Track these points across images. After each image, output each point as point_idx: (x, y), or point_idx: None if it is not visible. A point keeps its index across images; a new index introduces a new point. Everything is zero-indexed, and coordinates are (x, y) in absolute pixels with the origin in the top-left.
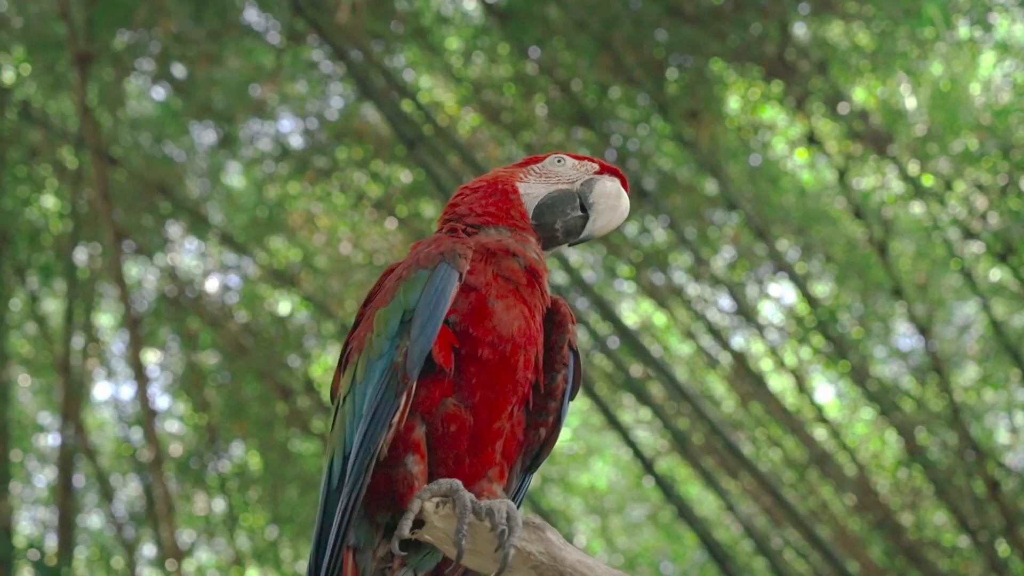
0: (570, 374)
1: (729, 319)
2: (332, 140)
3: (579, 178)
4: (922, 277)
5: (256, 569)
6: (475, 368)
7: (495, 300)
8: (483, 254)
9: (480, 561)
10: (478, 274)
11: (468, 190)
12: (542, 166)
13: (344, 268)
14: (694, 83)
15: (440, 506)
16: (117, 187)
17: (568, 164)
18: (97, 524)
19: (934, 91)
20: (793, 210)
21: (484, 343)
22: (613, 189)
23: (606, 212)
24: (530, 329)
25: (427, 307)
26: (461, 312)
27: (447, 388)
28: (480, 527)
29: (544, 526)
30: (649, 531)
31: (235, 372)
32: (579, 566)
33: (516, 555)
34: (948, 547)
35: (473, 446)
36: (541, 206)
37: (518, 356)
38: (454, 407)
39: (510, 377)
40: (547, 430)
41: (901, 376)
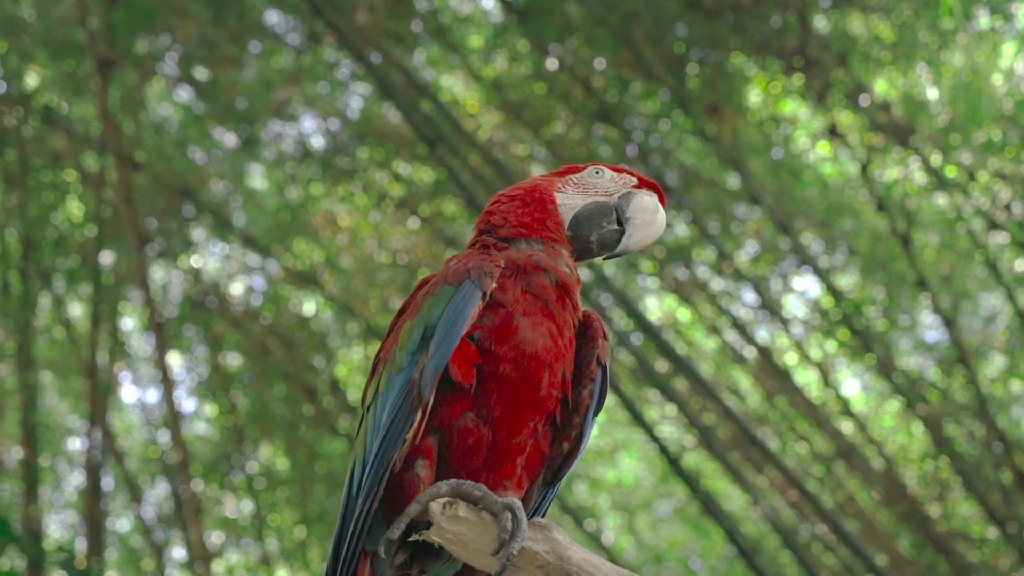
0: (596, 389)
1: (753, 313)
2: (353, 140)
3: (617, 191)
4: (946, 268)
5: (285, 570)
6: (496, 385)
7: (521, 317)
8: (512, 270)
9: (483, 560)
10: (506, 291)
11: (505, 197)
12: (580, 177)
13: (367, 268)
14: (715, 78)
15: (447, 507)
16: (140, 191)
17: (606, 176)
18: (126, 527)
19: (955, 82)
20: (816, 203)
21: (507, 360)
22: (650, 204)
23: (642, 227)
24: (557, 346)
25: (446, 325)
26: (486, 329)
27: (467, 403)
28: (485, 526)
29: (551, 526)
30: (676, 526)
31: (260, 374)
32: (585, 565)
33: (522, 555)
34: (977, 538)
35: (490, 461)
36: (577, 217)
37: (542, 374)
38: (473, 422)
39: (532, 395)
40: (570, 444)
41: (927, 368)
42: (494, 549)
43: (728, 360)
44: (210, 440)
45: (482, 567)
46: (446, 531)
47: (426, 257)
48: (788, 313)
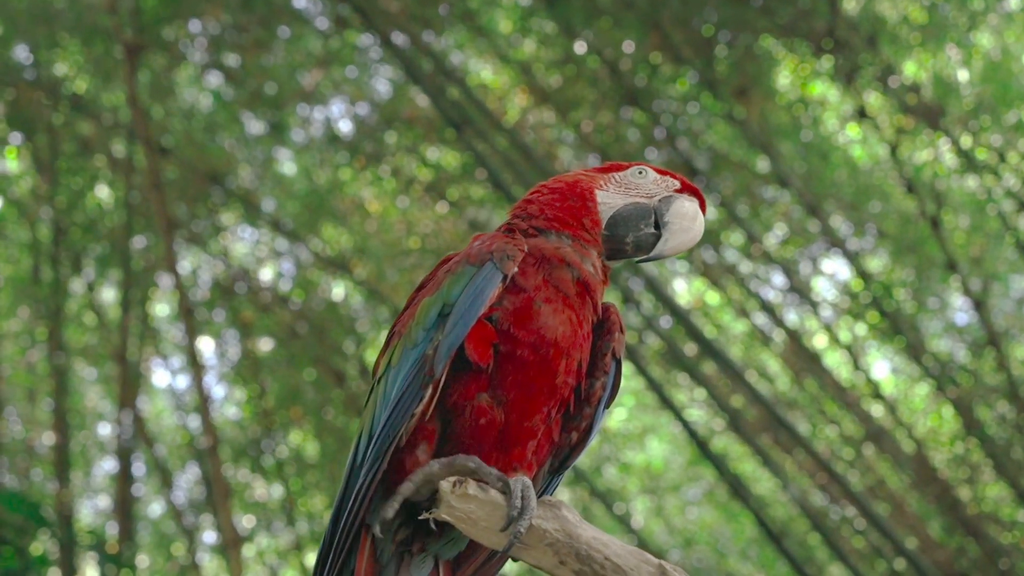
0: (609, 382)
1: (782, 296)
2: (382, 125)
3: (658, 193)
4: (977, 250)
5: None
6: (513, 367)
7: (542, 303)
8: (537, 258)
9: (492, 538)
10: (528, 276)
11: (546, 189)
12: (623, 175)
13: (396, 253)
14: (743, 60)
15: (457, 486)
16: (169, 177)
17: (649, 177)
18: (157, 512)
19: (985, 63)
20: (845, 186)
21: (525, 344)
22: (690, 210)
23: (679, 233)
24: (576, 336)
25: (464, 304)
26: (506, 311)
27: (482, 383)
28: (494, 505)
29: (560, 504)
30: (706, 510)
31: (290, 358)
32: (594, 543)
33: (531, 532)
34: (1008, 521)
35: (501, 442)
36: (615, 217)
37: (559, 361)
38: (487, 403)
39: (548, 380)
40: (579, 434)
41: (957, 351)
42: (503, 526)
43: (757, 343)
44: (240, 425)
45: (491, 545)
46: (456, 509)
47: (454, 241)
48: (817, 296)
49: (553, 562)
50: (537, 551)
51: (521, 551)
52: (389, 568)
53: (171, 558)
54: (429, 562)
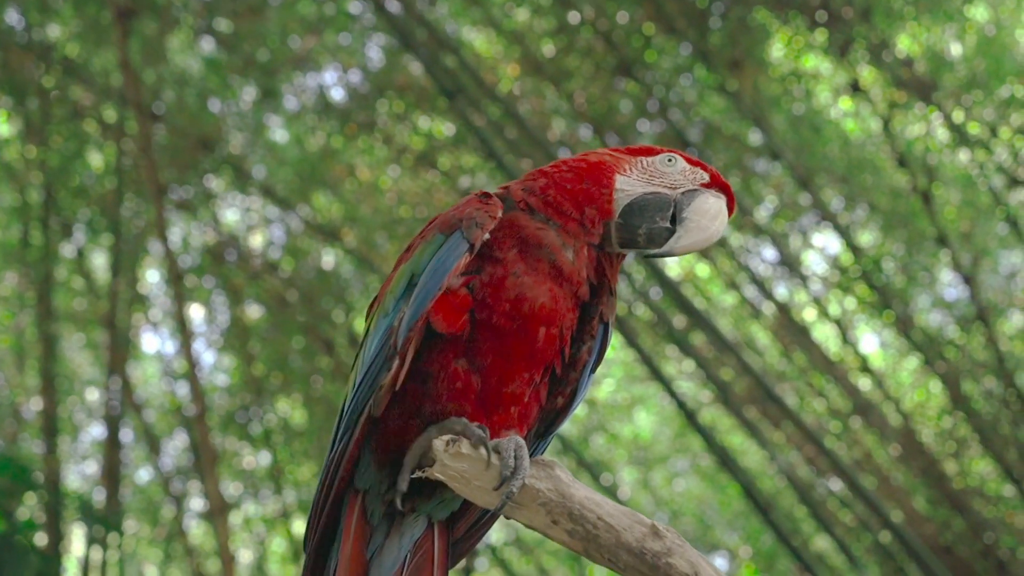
0: (596, 346)
1: (772, 269)
2: (374, 93)
3: (683, 185)
4: (967, 225)
5: (303, 521)
6: (489, 334)
7: (521, 274)
8: (516, 232)
9: (485, 497)
10: (507, 247)
11: (565, 166)
12: (651, 161)
13: (387, 221)
14: (737, 32)
15: (450, 444)
16: (160, 143)
17: (678, 167)
18: (144, 478)
19: (979, 37)
20: (837, 159)
21: (501, 313)
22: (712, 207)
23: (694, 231)
24: (556, 308)
25: (427, 275)
26: (483, 280)
27: (459, 349)
28: (486, 464)
29: (553, 464)
30: (693, 481)
31: (279, 326)
32: (587, 503)
33: (524, 492)
34: (993, 496)
35: (482, 406)
36: (632, 205)
37: (538, 329)
38: (463, 368)
39: (527, 347)
40: (564, 399)
41: (946, 325)
42: (496, 485)
43: (746, 316)
44: (229, 391)
45: (483, 504)
46: (449, 468)
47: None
48: (807, 269)
49: (546, 522)
50: (530, 510)
51: (514, 510)
52: (380, 529)
53: (158, 524)
54: (422, 522)
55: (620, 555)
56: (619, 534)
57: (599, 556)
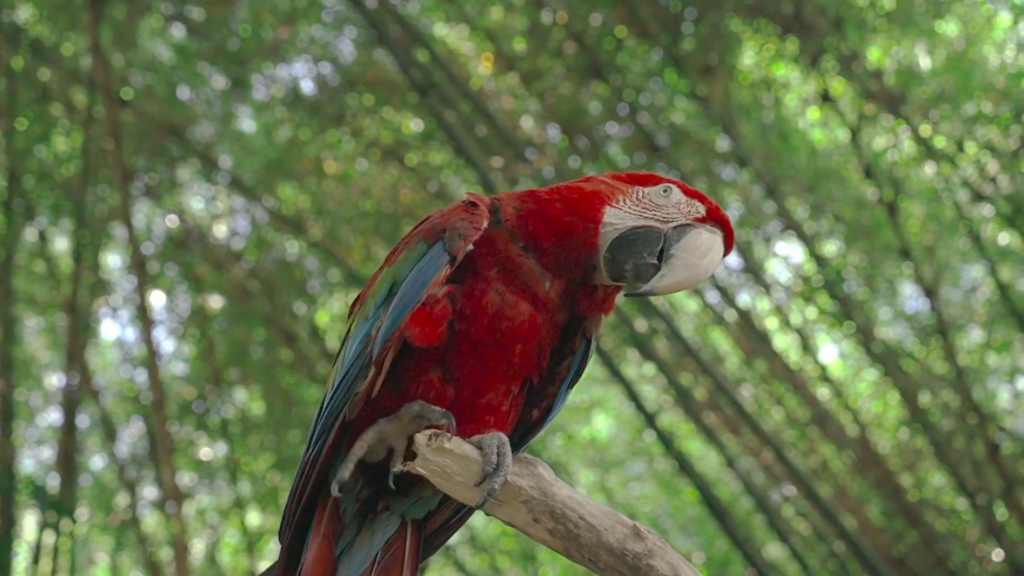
0: (576, 362)
1: (736, 276)
2: (344, 86)
3: (676, 219)
4: (930, 239)
5: (257, 513)
6: (467, 345)
7: (502, 292)
8: (497, 250)
9: (466, 493)
10: (489, 263)
11: (557, 194)
12: (646, 192)
13: (353, 215)
14: (709, 38)
15: (433, 439)
16: (128, 129)
17: (673, 199)
18: (100, 465)
19: (949, 52)
20: (804, 168)
21: (480, 326)
22: (704, 244)
23: (679, 269)
24: (534, 324)
25: (407, 286)
26: (466, 290)
27: (435, 358)
28: (470, 459)
29: (536, 461)
30: (648, 486)
31: (241, 317)
32: (569, 502)
33: (506, 489)
34: (946, 509)
35: (456, 416)
36: (620, 240)
37: (515, 345)
38: (439, 378)
39: (503, 361)
40: (539, 412)
41: (906, 338)
42: (478, 481)
43: (709, 322)
44: (187, 381)
45: (464, 500)
46: (431, 462)
47: (411, 206)
48: (770, 277)
49: (527, 519)
50: (511, 508)
51: (495, 507)
52: (352, 527)
53: (111, 511)
54: (395, 521)
55: (600, 555)
56: (600, 534)
57: (579, 555)
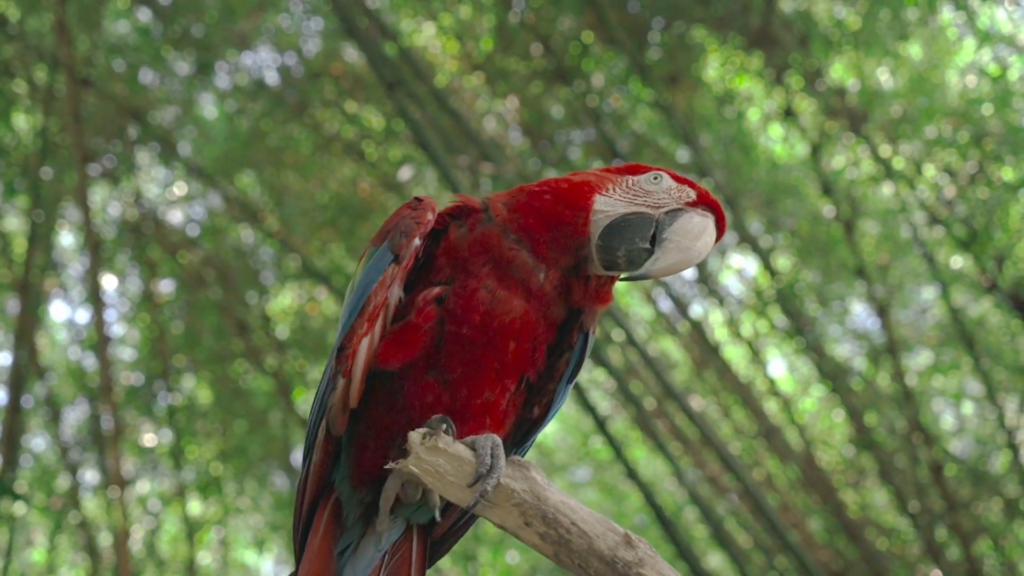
0: (574, 357)
1: (689, 287)
2: (309, 77)
3: (667, 204)
4: (885, 259)
5: (199, 501)
6: (458, 346)
7: (493, 288)
8: (488, 246)
9: (458, 494)
10: (480, 261)
11: (547, 187)
12: (636, 180)
13: (310, 207)
14: (675, 48)
15: (427, 438)
16: (89, 109)
17: (663, 185)
18: (42, 446)
19: (912, 74)
20: (763, 182)
21: (471, 325)
22: (696, 227)
23: (672, 252)
24: (528, 321)
25: (354, 291)
26: (456, 290)
27: (428, 363)
28: (463, 460)
29: (529, 465)
30: (592, 492)
31: (193, 304)
32: (562, 507)
33: (499, 491)
34: (887, 528)
35: (452, 418)
36: (612, 226)
37: (507, 343)
38: (432, 381)
39: (496, 359)
40: (541, 409)
41: (855, 356)
42: (470, 482)
43: (661, 331)
44: (135, 366)
45: (456, 501)
46: (424, 462)
47: (369, 199)
48: (723, 289)
49: (518, 523)
50: (503, 510)
51: (487, 510)
52: (354, 530)
53: (52, 494)
54: (399, 525)
55: (591, 562)
56: (592, 540)
57: (569, 561)
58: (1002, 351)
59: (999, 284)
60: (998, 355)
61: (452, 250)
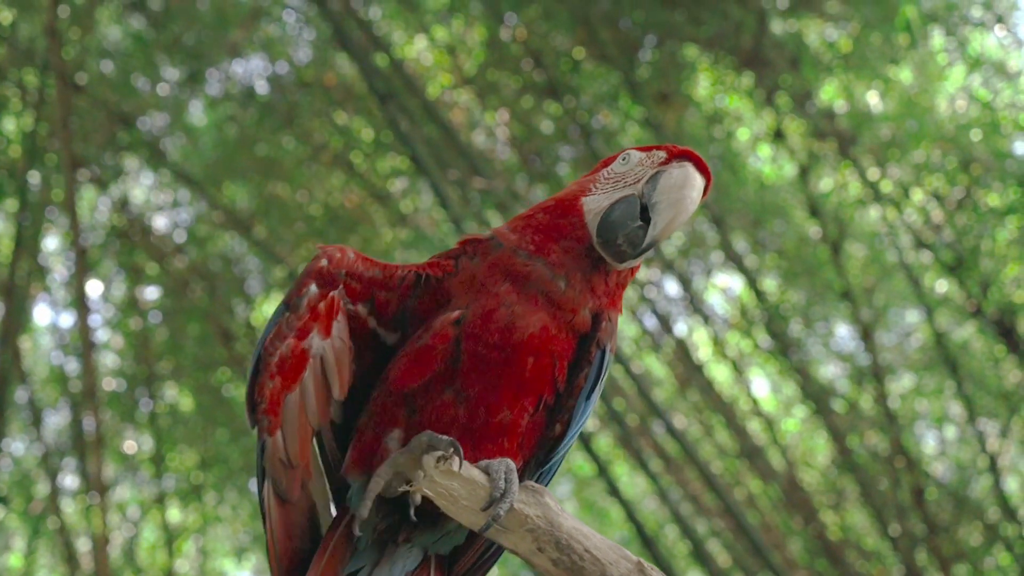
0: (592, 372)
1: (674, 305)
2: (299, 87)
3: (644, 175)
4: (870, 281)
5: (178, 509)
6: (476, 364)
7: (511, 305)
8: (504, 268)
9: (471, 517)
10: (498, 282)
11: (539, 208)
12: (610, 169)
13: (299, 217)
14: (666, 66)
15: (441, 461)
16: (78, 114)
17: (633, 160)
18: (21, 451)
19: (902, 98)
20: (751, 202)
21: (489, 343)
22: (678, 179)
23: (666, 210)
24: (547, 336)
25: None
26: (475, 310)
27: (445, 381)
28: (476, 484)
29: (543, 491)
30: (571, 507)
31: (177, 311)
32: (575, 533)
33: (512, 516)
34: (868, 550)
35: (469, 438)
36: (604, 221)
37: (526, 359)
38: (449, 398)
39: (515, 377)
40: (562, 426)
41: (839, 378)
42: (484, 505)
43: (645, 348)
44: (118, 372)
45: (469, 524)
46: (438, 485)
47: (357, 210)
48: (708, 308)
49: (531, 548)
50: (516, 535)
51: (499, 534)
52: (368, 555)
53: (32, 499)
54: (416, 553)
55: None
56: (604, 568)
57: None
58: (985, 376)
59: (984, 309)
60: (981, 380)
61: (467, 279)
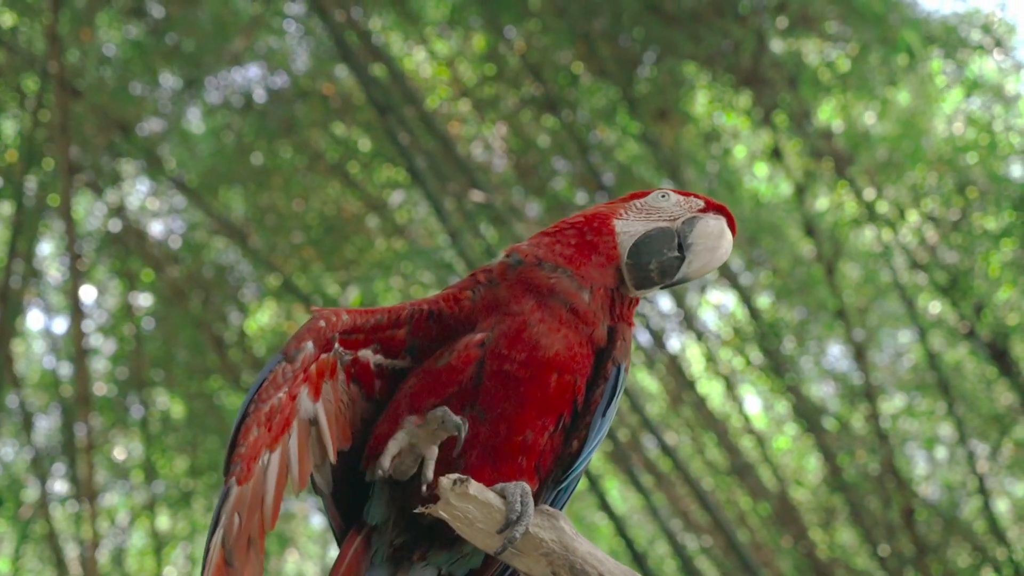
0: (608, 388)
1: (667, 321)
2: (297, 96)
3: (681, 215)
4: (864, 301)
5: (167, 516)
6: (500, 382)
7: (536, 323)
8: (528, 282)
9: (487, 540)
10: (521, 299)
11: (566, 224)
12: (644, 202)
13: (294, 226)
14: (665, 83)
15: (457, 484)
16: (76, 119)
17: (672, 200)
18: (11, 455)
19: (899, 119)
20: (747, 220)
21: (514, 361)
22: (715, 229)
23: (703, 253)
24: (570, 355)
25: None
26: (501, 328)
27: (467, 398)
28: (492, 507)
29: (558, 515)
30: None
31: (171, 318)
32: (590, 558)
33: (527, 540)
34: (857, 570)
35: (488, 456)
36: (638, 244)
37: (550, 377)
38: (471, 417)
39: (538, 396)
40: (579, 443)
41: (831, 397)
42: (500, 528)
43: (638, 363)
44: (110, 378)
45: (483, 547)
46: (454, 507)
47: (353, 220)
48: (702, 325)
49: (546, 572)
50: (530, 559)
51: (514, 557)
52: (381, 569)
53: (21, 504)
54: (430, 573)
55: None
56: None
57: None
58: (977, 398)
59: (976, 331)
60: (973, 402)
61: (490, 303)
